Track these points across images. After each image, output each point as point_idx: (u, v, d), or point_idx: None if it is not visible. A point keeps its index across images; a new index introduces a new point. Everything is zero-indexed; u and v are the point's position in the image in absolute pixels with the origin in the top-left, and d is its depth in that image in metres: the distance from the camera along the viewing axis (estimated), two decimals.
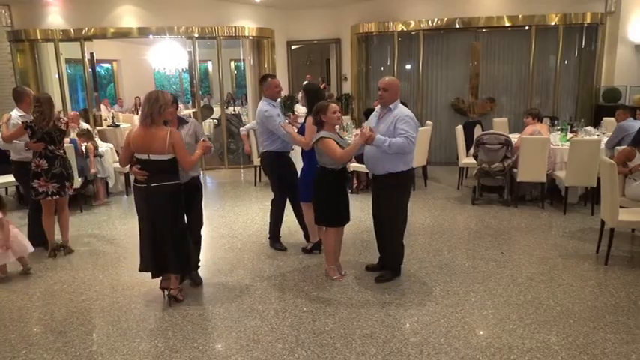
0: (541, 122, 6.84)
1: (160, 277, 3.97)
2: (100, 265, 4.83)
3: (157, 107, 3.61)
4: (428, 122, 8.42)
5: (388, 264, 4.34)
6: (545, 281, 4.22)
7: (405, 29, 9.32)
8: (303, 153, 4.76)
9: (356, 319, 3.62)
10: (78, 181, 6.42)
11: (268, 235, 5.20)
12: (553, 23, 8.75)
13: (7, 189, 7.64)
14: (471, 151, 6.94)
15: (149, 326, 3.62)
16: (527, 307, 3.75)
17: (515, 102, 9.55)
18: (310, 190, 4.31)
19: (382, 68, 10.16)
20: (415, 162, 7.21)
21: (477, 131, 7.68)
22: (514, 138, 6.57)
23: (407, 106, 7.62)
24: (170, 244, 3.77)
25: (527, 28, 8.94)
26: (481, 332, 3.42)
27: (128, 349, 3.30)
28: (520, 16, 8.76)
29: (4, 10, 9.45)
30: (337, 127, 4.23)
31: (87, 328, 3.61)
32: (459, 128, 7.59)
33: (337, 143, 3.99)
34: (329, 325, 3.55)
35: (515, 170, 6.40)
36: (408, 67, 9.86)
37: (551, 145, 6.34)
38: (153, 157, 3.67)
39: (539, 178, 6.29)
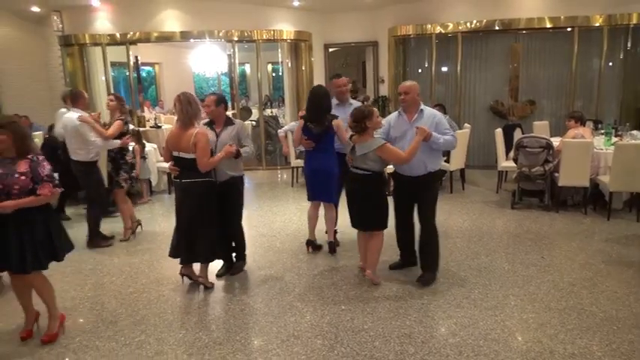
0: (584, 125, 6.70)
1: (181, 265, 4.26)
2: (146, 260, 5.02)
3: (192, 109, 3.92)
4: (466, 125, 8.35)
5: (429, 264, 4.30)
6: (588, 287, 4.14)
7: (442, 31, 9.27)
8: (310, 155, 4.82)
9: (394, 318, 3.66)
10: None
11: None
12: (597, 24, 8.54)
13: None
14: (511, 154, 6.85)
15: (193, 319, 3.75)
16: (569, 313, 3.70)
17: (556, 105, 9.35)
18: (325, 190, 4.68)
19: (419, 70, 10.14)
20: (453, 165, 7.28)
21: (517, 134, 7.58)
22: (555, 141, 6.45)
23: (444, 109, 7.69)
24: (197, 235, 4.06)
25: (569, 29, 8.75)
26: (521, 336, 3.40)
27: (174, 340, 3.44)
28: (562, 17, 8.59)
29: (56, 16, 9.91)
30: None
31: (135, 318, 3.77)
32: (499, 131, 7.50)
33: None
34: (367, 323, 3.60)
35: (556, 174, 6.29)
36: (446, 69, 9.80)
37: (595, 149, 6.20)
38: (182, 154, 3.98)
39: (582, 183, 6.16)
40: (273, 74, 15.25)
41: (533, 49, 9.31)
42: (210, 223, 4.10)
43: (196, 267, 4.27)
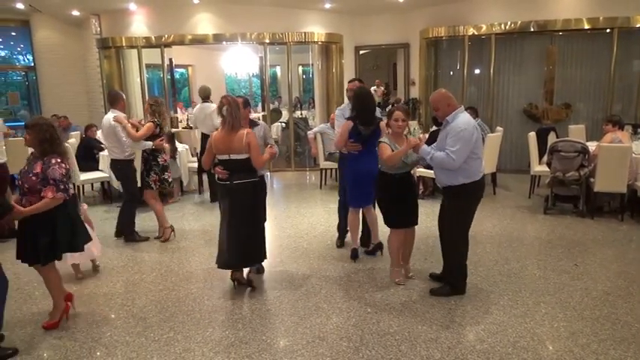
0: (622, 130, 6.48)
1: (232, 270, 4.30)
2: (176, 259, 5.12)
3: (239, 112, 4.04)
4: (498, 128, 8.20)
5: (447, 278, 4.21)
6: (624, 297, 4.01)
7: (475, 33, 9.13)
8: (356, 157, 4.75)
9: (420, 323, 3.63)
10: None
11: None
12: (638, 25, 8.25)
13: (92, 185, 8.26)
14: (544, 158, 6.69)
15: (220, 317, 3.81)
16: (602, 322, 3.59)
17: (593, 108, 9.07)
18: (370, 193, 4.58)
19: (451, 73, 10.02)
20: (484, 168, 7.14)
21: (551, 138, 7.40)
22: (592, 146, 6.27)
23: (476, 112, 7.57)
24: (254, 236, 4.16)
25: (608, 30, 8.48)
26: (552, 345, 3.32)
27: (201, 338, 3.49)
28: (601, 18, 8.33)
29: (95, 19, 10.24)
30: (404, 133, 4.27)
31: (164, 315, 3.85)
32: (532, 135, 7.34)
33: (391, 149, 4.08)
34: (393, 327, 3.58)
35: (592, 179, 6.11)
36: (478, 71, 9.65)
37: (633, 154, 5.99)
38: (233, 156, 4.04)
39: (619, 189, 5.96)
40: (304, 76, 15.34)
41: (570, 50, 9.06)
42: (261, 222, 4.29)
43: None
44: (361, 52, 11.08)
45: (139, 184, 5.80)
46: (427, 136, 6.77)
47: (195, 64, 14.52)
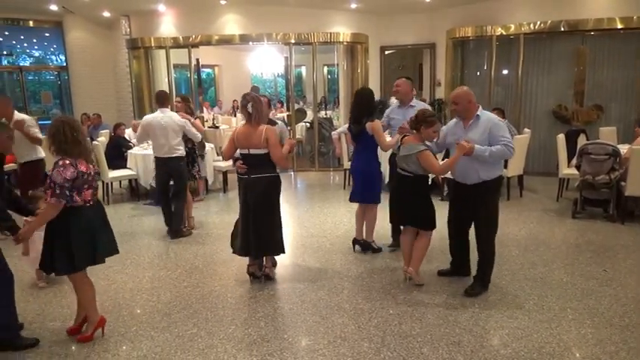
0: None
1: (247, 264, 4.44)
2: (200, 256, 5.19)
3: (264, 109, 4.17)
4: (526, 130, 8.06)
5: (480, 276, 4.17)
6: None
7: (504, 33, 8.99)
8: (354, 155, 4.97)
9: (443, 325, 3.59)
10: None
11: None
12: None
13: (120, 182, 8.43)
14: (574, 161, 6.54)
15: (243, 315, 3.85)
16: (632, 330, 3.49)
17: (626, 110, 8.82)
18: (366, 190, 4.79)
19: (478, 73, 9.89)
20: (511, 171, 7.05)
21: (581, 140, 7.24)
22: (623, 149, 6.11)
23: (503, 113, 7.45)
24: (267, 229, 4.23)
25: None
26: (578, 352, 3.24)
27: (224, 335, 3.54)
28: (635, 17, 8.10)
29: (125, 20, 10.47)
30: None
31: (188, 312, 3.91)
32: (561, 137, 7.18)
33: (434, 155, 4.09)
34: (415, 329, 3.55)
35: (623, 183, 5.95)
36: (506, 72, 9.50)
37: None
38: (252, 151, 4.13)
39: None
40: (329, 76, 15.35)
41: (602, 51, 8.83)
42: (276, 215, 4.34)
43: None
44: (387, 52, 11.03)
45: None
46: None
47: (221, 64, 14.72)
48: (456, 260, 4.46)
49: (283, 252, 4.43)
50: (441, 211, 4.35)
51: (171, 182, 5.79)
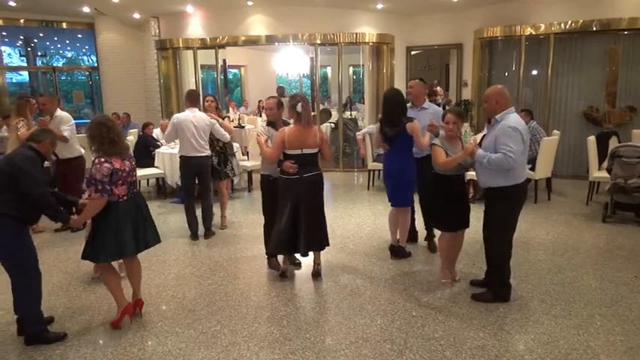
0: None
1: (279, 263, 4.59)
2: (224, 254, 5.25)
3: (309, 108, 4.31)
4: (555, 131, 7.89)
5: (490, 281, 4.10)
6: None
7: (533, 33, 8.83)
8: (387, 157, 4.86)
9: (467, 329, 3.55)
10: None
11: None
12: None
13: (148, 180, 8.59)
14: (605, 164, 6.38)
15: (266, 314, 3.88)
16: None
17: None
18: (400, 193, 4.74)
19: (506, 74, 9.73)
20: (538, 173, 6.91)
21: (613, 143, 7.05)
22: None
23: (531, 115, 7.32)
24: (319, 225, 4.40)
25: None
26: (607, 359, 3.17)
27: (247, 332, 3.57)
28: None
29: (154, 21, 10.67)
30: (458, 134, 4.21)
31: (212, 309, 3.96)
32: (591, 139, 7.01)
33: (445, 152, 4.04)
34: (438, 332, 3.52)
35: None
36: (535, 72, 9.32)
37: None
38: (305, 151, 4.26)
39: None
40: (354, 77, 15.32)
41: (635, 50, 8.58)
42: (323, 212, 4.49)
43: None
44: (413, 52, 10.95)
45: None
46: (478, 139, 6.61)
47: (247, 64, 14.84)
48: (488, 268, 4.24)
49: (328, 245, 4.55)
50: (476, 214, 4.28)
51: (197, 182, 5.85)
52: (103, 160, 3.40)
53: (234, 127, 10.75)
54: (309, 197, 4.28)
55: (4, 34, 11.43)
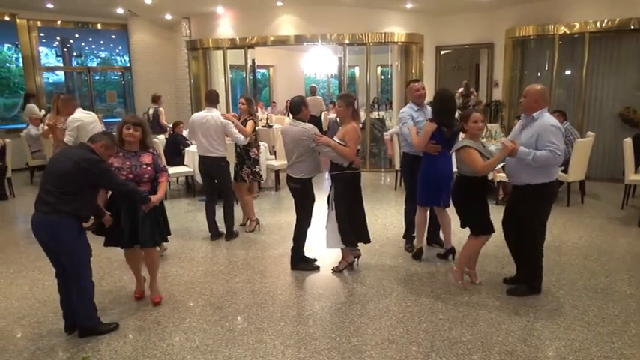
0: None
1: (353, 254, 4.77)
2: (252, 253, 5.30)
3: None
4: (589, 133, 7.68)
5: (524, 278, 4.12)
6: None
7: (567, 32, 8.62)
8: (441, 159, 4.69)
9: (495, 333, 3.50)
10: None
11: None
12: None
13: (177, 179, 8.73)
14: None
15: (292, 312, 3.90)
16: None
17: None
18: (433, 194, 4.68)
19: (538, 74, 9.52)
20: (572, 176, 6.74)
21: None
22: None
23: (564, 116, 7.14)
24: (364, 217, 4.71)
25: None
26: None
27: (273, 331, 3.60)
28: None
29: (185, 22, 10.85)
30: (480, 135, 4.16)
31: (239, 306, 4.01)
32: (628, 141, 6.79)
33: (480, 153, 3.93)
34: (466, 335, 3.47)
35: None
36: (568, 72, 9.09)
37: None
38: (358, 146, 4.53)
39: None
40: (382, 77, 15.24)
41: None
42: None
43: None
44: (442, 52, 10.83)
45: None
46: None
47: (276, 64, 14.93)
48: (518, 266, 4.27)
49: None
50: (495, 216, 4.23)
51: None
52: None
53: (262, 126, 10.88)
54: (359, 191, 4.65)
55: (42, 35, 11.78)
